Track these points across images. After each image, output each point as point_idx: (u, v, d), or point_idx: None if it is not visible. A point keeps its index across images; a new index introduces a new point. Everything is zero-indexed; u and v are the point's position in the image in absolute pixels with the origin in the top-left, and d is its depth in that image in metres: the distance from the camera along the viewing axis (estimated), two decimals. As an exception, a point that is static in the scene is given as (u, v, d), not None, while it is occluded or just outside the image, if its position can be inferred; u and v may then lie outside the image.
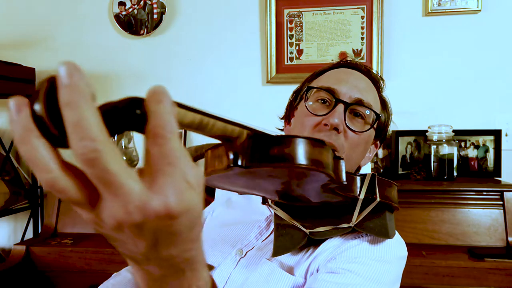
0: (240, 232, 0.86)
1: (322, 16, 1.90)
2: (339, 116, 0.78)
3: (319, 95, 0.83)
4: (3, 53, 2.07)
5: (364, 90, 0.84)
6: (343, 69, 0.89)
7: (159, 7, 2.00)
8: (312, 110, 0.81)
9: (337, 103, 0.79)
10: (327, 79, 0.86)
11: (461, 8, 1.81)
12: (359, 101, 0.81)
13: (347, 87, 0.82)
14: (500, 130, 1.74)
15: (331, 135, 0.78)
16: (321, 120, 0.79)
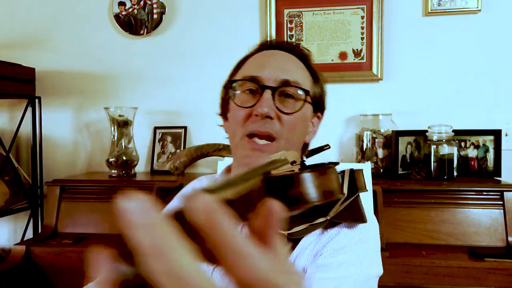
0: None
1: (322, 16, 1.90)
2: (267, 103, 0.76)
3: (245, 86, 0.81)
4: (3, 53, 2.07)
5: (289, 69, 0.82)
6: (265, 52, 0.86)
7: (159, 7, 2.00)
8: (241, 102, 0.80)
9: (263, 90, 0.78)
10: (249, 68, 0.83)
11: (461, 8, 1.81)
12: (285, 82, 0.79)
13: (270, 70, 0.79)
14: (500, 130, 1.74)
15: (265, 123, 0.77)
16: (251, 111, 0.78)
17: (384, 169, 1.77)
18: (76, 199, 1.78)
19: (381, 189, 1.52)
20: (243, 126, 0.78)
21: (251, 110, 0.78)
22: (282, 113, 0.78)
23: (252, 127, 0.77)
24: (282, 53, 0.85)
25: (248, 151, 0.78)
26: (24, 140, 2.13)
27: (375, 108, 1.84)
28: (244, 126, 0.78)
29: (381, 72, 1.86)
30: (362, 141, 1.80)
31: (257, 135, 0.77)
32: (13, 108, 2.14)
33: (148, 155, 2.05)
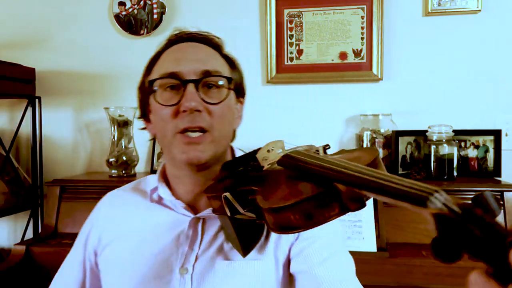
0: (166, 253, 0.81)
1: (322, 16, 1.90)
2: (193, 97, 0.76)
3: (165, 83, 0.79)
4: (3, 53, 2.07)
5: (206, 59, 0.81)
6: (178, 46, 0.84)
7: (159, 7, 2.00)
8: (164, 101, 0.78)
9: (185, 84, 0.77)
10: (165, 64, 0.81)
11: (461, 8, 1.81)
12: (206, 72, 0.78)
13: (188, 64, 0.78)
14: (500, 130, 1.74)
15: (195, 117, 0.76)
16: (178, 108, 0.77)
17: (384, 169, 1.77)
18: (76, 199, 1.78)
19: (381, 189, 1.51)
20: (172, 124, 0.77)
21: (178, 106, 0.77)
22: (209, 104, 0.77)
23: (182, 123, 0.76)
24: (195, 45, 0.84)
25: (183, 146, 0.77)
26: (24, 140, 2.13)
27: (375, 108, 1.84)
28: (173, 124, 0.77)
29: (381, 72, 1.86)
30: (362, 141, 1.80)
31: (188, 130, 0.76)
32: (13, 108, 2.14)
33: (148, 155, 2.05)
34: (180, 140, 0.77)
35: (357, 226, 1.45)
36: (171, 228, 0.84)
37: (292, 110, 1.95)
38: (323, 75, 1.90)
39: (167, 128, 0.78)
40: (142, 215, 0.88)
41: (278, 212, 0.54)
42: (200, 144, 0.77)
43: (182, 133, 0.76)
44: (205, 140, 0.77)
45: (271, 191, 0.61)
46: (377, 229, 1.46)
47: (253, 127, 1.98)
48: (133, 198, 0.92)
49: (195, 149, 0.76)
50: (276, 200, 0.56)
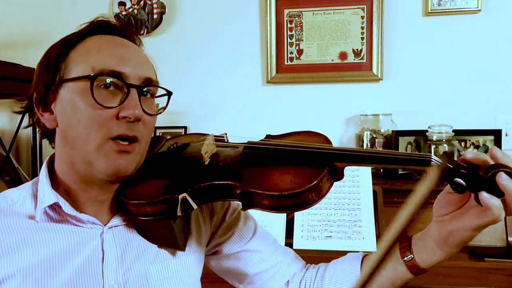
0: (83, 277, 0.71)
1: (322, 16, 1.90)
2: (137, 104, 0.69)
3: (103, 80, 0.69)
4: (3, 53, 2.07)
5: (145, 64, 0.75)
6: (107, 37, 0.74)
7: (159, 7, 2.00)
8: (101, 100, 0.68)
9: (129, 88, 0.69)
10: (100, 57, 0.70)
11: (461, 8, 1.81)
12: (148, 80, 0.73)
13: (131, 66, 0.71)
14: (500, 130, 1.74)
15: (133, 126, 0.69)
16: (116, 112, 0.68)
17: (384, 169, 1.77)
18: (76, 199, 1.77)
19: (381, 189, 1.52)
20: (105, 129, 0.68)
21: (116, 110, 0.68)
22: (145, 114, 0.71)
23: (118, 130, 0.68)
24: (130, 43, 0.76)
25: (114, 154, 0.69)
26: (24, 140, 2.13)
27: (375, 108, 1.84)
28: (106, 128, 0.68)
29: (381, 72, 1.86)
30: (362, 141, 1.80)
31: (121, 137, 0.69)
32: (13, 108, 2.13)
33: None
34: (111, 147, 0.68)
35: (357, 226, 1.45)
36: (80, 246, 0.72)
37: (292, 110, 1.95)
38: (323, 75, 1.90)
39: (96, 131, 0.68)
40: (33, 243, 0.70)
41: (297, 196, 0.63)
42: (130, 154, 0.70)
43: (113, 139, 0.68)
44: (135, 150, 0.71)
45: (263, 180, 0.66)
46: (377, 229, 1.46)
47: (253, 127, 1.98)
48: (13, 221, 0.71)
49: (125, 159, 0.69)
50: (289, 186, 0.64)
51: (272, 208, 0.65)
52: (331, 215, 1.47)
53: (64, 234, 0.72)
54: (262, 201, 0.65)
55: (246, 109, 1.99)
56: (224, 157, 0.75)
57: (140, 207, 0.71)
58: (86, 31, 0.75)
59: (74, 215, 0.72)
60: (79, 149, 0.70)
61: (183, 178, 0.72)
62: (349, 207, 1.47)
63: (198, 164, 0.74)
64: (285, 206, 0.65)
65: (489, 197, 0.59)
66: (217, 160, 0.74)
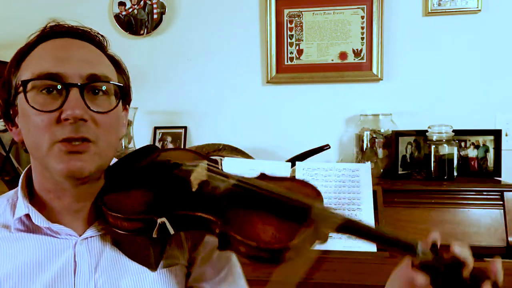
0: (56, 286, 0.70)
1: (322, 16, 1.90)
2: (77, 103, 0.65)
3: (42, 84, 0.67)
4: (3, 53, 2.07)
5: (93, 61, 0.71)
6: (56, 41, 0.72)
7: (159, 7, 2.00)
8: (40, 106, 0.66)
9: (68, 89, 0.66)
10: (42, 62, 0.68)
11: (461, 8, 1.81)
12: (93, 76, 0.69)
13: (72, 65, 0.68)
14: (500, 130, 1.74)
15: (79, 127, 0.66)
16: (58, 115, 0.66)
17: (384, 169, 1.77)
18: (76, 199, 1.77)
19: (381, 189, 1.52)
20: (50, 133, 0.66)
21: (58, 113, 0.66)
22: (96, 113, 0.68)
23: (63, 133, 0.65)
24: (79, 42, 0.73)
25: (63, 156, 0.66)
26: (24, 140, 2.12)
27: (375, 108, 1.84)
28: (51, 133, 0.66)
29: (381, 72, 1.86)
30: (362, 141, 1.80)
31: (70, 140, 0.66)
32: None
33: (148, 155, 2.05)
34: (59, 149, 0.66)
35: (357, 226, 1.45)
36: (54, 257, 0.71)
37: (292, 110, 1.95)
38: (323, 75, 1.90)
39: (42, 137, 0.66)
40: (5, 254, 0.71)
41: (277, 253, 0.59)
42: (83, 153, 0.67)
43: (62, 142, 0.66)
44: (89, 150, 0.67)
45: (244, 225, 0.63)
46: (377, 229, 1.46)
47: (253, 127, 1.98)
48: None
49: (77, 159, 0.66)
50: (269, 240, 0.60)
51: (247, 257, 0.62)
52: (331, 215, 1.46)
53: (37, 244, 0.71)
54: (239, 247, 0.61)
55: (246, 109, 1.99)
56: (212, 188, 0.71)
57: (117, 220, 0.70)
58: (36, 40, 0.72)
59: (46, 226, 0.71)
60: (36, 157, 0.70)
61: (166, 200, 0.70)
62: (349, 207, 1.47)
63: (186, 189, 0.71)
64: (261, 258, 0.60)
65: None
66: (205, 190, 0.70)
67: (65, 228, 0.72)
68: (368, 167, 1.55)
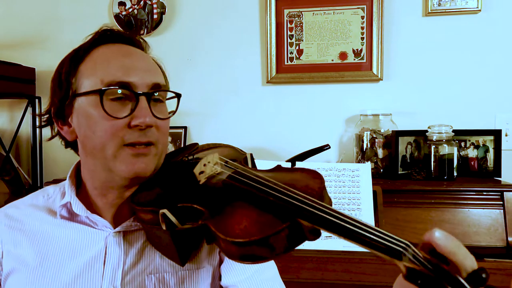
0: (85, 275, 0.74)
1: (322, 16, 1.90)
2: (147, 112, 0.71)
3: (113, 91, 0.71)
4: (3, 53, 2.07)
5: (154, 69, 0.77)
6: (112, 47, 0.77)
7: (159, 7, 2.00)
8: (111, 112, 0.70)
9: (138, 97, 0.71)
10: (108, 69, 0.72)
11: (461, 8, 1.81)
12: (156, 85, 0.75)
13: (138, 74, 0.73)
14: (500, 130, 1.74)
15: (146, 133, 0.72)
16: (128, 121, 0.71)
17: (384, 169, 1.77)
18: (76, 199, 1.77)
19: (381, 189, 1.52)
20: (118, 138, 0.71)
21: (128, 119, 0.71)
22: (158, 119, 0.74)
23: (132, 138, 0.71)
24: (138, 51, 0.79)
25: (131, 158, 0.71)
26: (24, 140, 2.13)
27: (375, 108, 1.84)
28: (119, 137, 0.71)
29: (381, 72, 1.86)
30: (362, 141, 1.80)
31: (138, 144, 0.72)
32: (13, 108, 2.14)
33: (148, 155, 2.05)
34: (127, 152, 0.71)
35: (357, 226, 1.45)
36: (88, 246, 0.76)
37: (292, 110, 1.96)
38: (323, 75, 1.90)
39: (110, 141, 0.71)
40: (49, 237, 0.78)
41: (242, 246, 0.54)
42: (147, 156, 0.73)
43: (129, 146, 0.71)
44: (151, 152, 0.73)
45: (225, 217, 0.59)
46: (377, 229, 1.46)
47: (253, 127, 1.98)
48: (34, 217, 0.80)
49: (142, 161, 0.72)
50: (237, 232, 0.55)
51: (224, 251, 0.58)
52: (331, 215, 1.46)
53: (75, 232, 0.78)
54: (219, 241, 0.58)
55: (246, 109, 1.99)
56: (217, 181, 0.69)
57: (137, 212, 0.72)
58: (92, 43, 0.78)
59: (85, 215, 0.77)
60: (98, 158, 0.73)
61: (174, 192, 0.71)
62: (349, 207, 1.47)
63: (193, 182, 0.71)
64: (232, 254, 0.56)
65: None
66: (209, 183, 0.70)
67: (102, 220, 0.77)
68: (368, 167, 1.55)
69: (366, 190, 1.49)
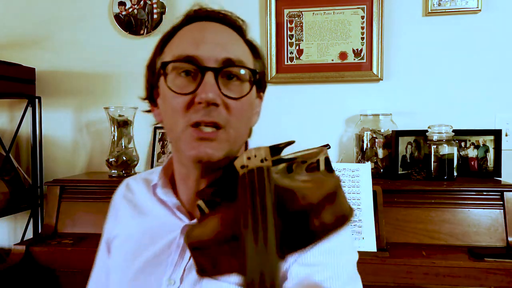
0: (157, 260, 0.74)
1: (322, 16, 1.90)
2: (211, 88, 0.65)
3: (181, 67, 0.68)
4: (3, 53, 2.07)
5: (229, 45, 0.70)
6: (196, 24, 0.74)
7: (159, 7, 2.00)
8: (177, 88, 0.67)
9: (203, 72, 0.66)
10: (181, 44, 0.71)
11: (461, 8, 1.81)
12: (228, 60, 0.68)
13: (208, 48, 0.68)
14: (500, 130, 1.74)
15: (210, 111, 0.65)
16: (192, 98, 0.66)
17: (384, 169, 1.77)
18: (76, 199, 1.78)
19: (381, 189, 1.52)
20: (184, 116, 0.67)
21: (192, 96, 0.66)
22: (228, 99, 0.67)
23: (195, 117, 0.66)
24: (216, 25, 0.73)
25: (194, 141, 0.66)
26: (24, 140, 2.13)
27: (375, 108, 1.84)
28: (185, 115, 0.67)
29: (381, 72, 1.86)
30: (362, 141, 1.80)
31: (202, 124, 0.66)
32: (13, 108, 2.14)
33: (148, 155, 2.05)
34: (191, 134, 0.66)
35: (357, 226, 1.45)
36: (166, 232, 0.76)
37: (292, 110, 1.95)
38: (323, 75, 1.90)
39: (178, 119, 0.67)
40: (146, 212, 0.81)
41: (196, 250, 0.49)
42: (214, 141, 0.66)
43: (194, 126, 0.66)
44: (219, 137, 0.67)
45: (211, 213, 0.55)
46: (377, 229, 1.46)
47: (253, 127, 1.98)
48: (141, 191, 0.84)
49: (207, 146, 0.66)
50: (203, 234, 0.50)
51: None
52: (331, 215, 1.46)
53: (160, 213, 0.78)
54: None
55: (246, 109, 1.98)
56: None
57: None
58: (179, 24, 0.76)
59: (169, 199, 0.77)
60: (171, 138, 0.72)
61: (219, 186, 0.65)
62: (349, 207, 1.47)
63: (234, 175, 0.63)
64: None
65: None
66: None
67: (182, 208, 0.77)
68: (368, 167, 1.55)
69: (366, 190, 1.49)
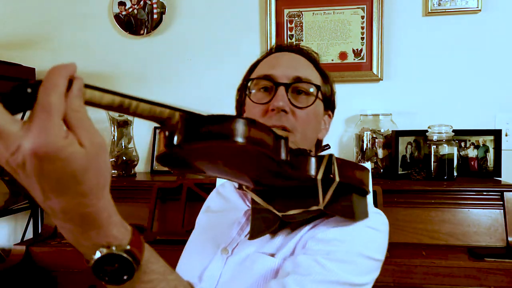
0: (221, 232, 0.88)
1: (322, 16, 1.90)
2: (282, 98, 0.82)
3: (260, 84, 0.87)
4: (3, 53, 2.07)
5: (299, 67, 0.88)
6: (275, 54, 0.93)
7: (159, 7, 2.00)
8: (256, 100, 0.85)
9: (277, 86, 0.83)
10: (262, 68, 0.90)
11: (461, 8, 1.81)
12: (297, 78, 0.85)
13: (282, 69, 0.85)
14: (500, 130, 1.74)
15: (281, 117, 0.81)
16: (267, 106, 0.83)
17: (384, 169, 1.77)
18: (76, 199, 1.77)
19: (381, 189, 1.52)
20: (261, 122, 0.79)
21: (267, 105, 0.83)
22: (295, 108, 0.83)
23: (269, 121, 0.80)
24: (292, 54, 0.91)
25: None
26: (24, 140, 2.12)
27: (375, 108, 1.84)
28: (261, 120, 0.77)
29: (381, 72, 1.86)
30: (362, 141, 1.80)
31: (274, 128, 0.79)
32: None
33: (148, 155, 2.05)
34: None
35: (357, 226, 1.45)
36: (235, 211, 0.90)
37: (292, 110, 1.95)
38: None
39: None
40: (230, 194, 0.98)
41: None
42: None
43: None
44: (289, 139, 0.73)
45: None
46: (377, 229, 1.46)
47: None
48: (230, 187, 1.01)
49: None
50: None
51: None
52: (331, 215, 1.46)
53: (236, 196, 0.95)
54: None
55: (246, 109, 1.98)
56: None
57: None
58: (263, 56, 0.96)
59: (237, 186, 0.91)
60: None
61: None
62: (349, 207, 1.47)
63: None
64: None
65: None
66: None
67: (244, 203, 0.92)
68: (368, 167, 1.55)
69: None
